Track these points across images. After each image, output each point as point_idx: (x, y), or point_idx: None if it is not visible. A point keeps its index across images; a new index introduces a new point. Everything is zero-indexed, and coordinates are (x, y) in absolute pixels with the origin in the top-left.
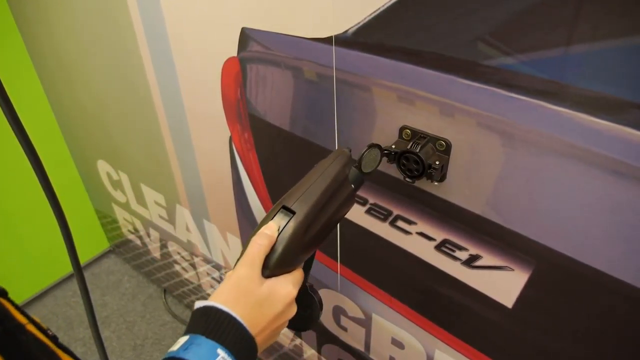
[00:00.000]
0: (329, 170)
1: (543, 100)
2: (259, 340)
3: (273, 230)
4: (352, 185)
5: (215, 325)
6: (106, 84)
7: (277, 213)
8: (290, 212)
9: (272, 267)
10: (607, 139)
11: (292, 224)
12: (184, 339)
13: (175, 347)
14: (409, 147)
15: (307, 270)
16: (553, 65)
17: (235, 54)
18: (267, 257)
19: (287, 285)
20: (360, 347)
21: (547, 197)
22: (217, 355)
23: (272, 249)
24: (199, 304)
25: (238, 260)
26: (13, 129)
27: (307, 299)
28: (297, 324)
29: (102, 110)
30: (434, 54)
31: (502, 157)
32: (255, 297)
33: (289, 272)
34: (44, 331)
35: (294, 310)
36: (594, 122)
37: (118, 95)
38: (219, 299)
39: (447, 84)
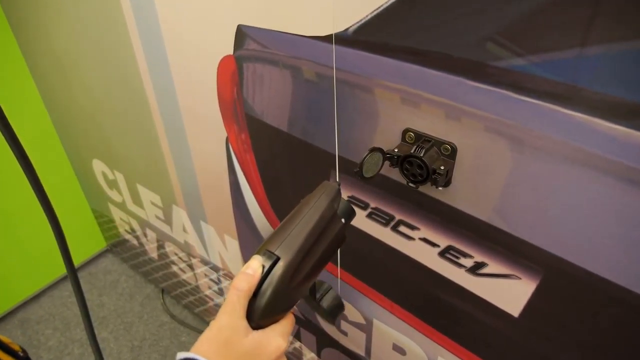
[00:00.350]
0: (317, 206)
1: (556, 104)
2: None
3: (256, 270)
4: (343, 220)
5: None
6: (100, 82)
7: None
8: (273, 256)
9: (257, 318)
10: (623, 146)
11: (276, 271)
12: None
13: None
14: (412, 151)
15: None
16: (567, 67)
17: (231, 52)
18: (252, 307)
19: (275, 339)
20: (360, 351)
21: (557, 205)
22: None
23: (257, 296)
24: (180, 355)
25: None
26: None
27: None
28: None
29: (96, 109)
30: (440, 54)
31: (510, 163)
32: (238, 350)
33: (277, 321)
34: (12, 353)
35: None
36: (609, 128)
37: (112, 94)
38: (200, 350)
39: (454, 86)
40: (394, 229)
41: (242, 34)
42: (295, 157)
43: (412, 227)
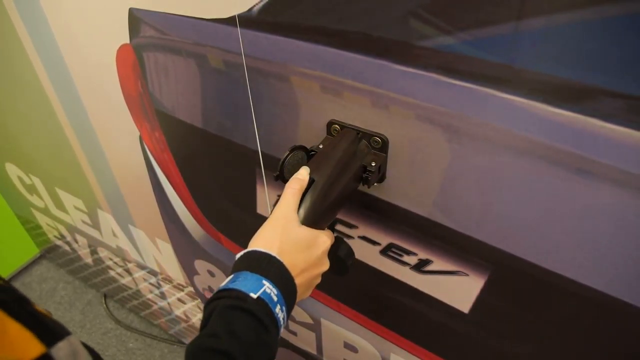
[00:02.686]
0: (341, 145)
1: (493, 88)
2: (298, 282)
3: (304, 175)
4: (360, 162)
5: (257, 263)
6: None
7: None
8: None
9: (303, 219)
10: (571, 133)
11: (312, 189)
12: (229, 278)
13: (222, 284)
14: None
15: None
16: (504, 45)
17: (127, 40)
18: (301, 209)
19: (322, 235)
20: (312, 350)
21: (501, 199)
22: (263, 285)
23: (301, 205)
24: (239, 253)
25: (272, 209)
26: None
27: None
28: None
29: None
30: (359, 34)
31: (447, 155)
32: (294, 236)
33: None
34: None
35: (327, 264)
36: (555, 114)
37: (10, 94)
38: (258, 243)
39: (377, 71)
40: (331, 227)
41: (135, 19)
42: (217, 155)
43: (350, 226)
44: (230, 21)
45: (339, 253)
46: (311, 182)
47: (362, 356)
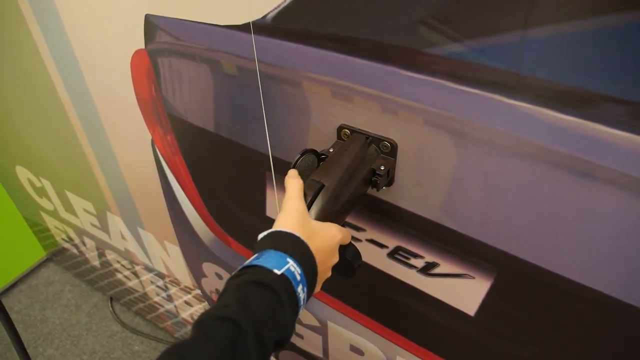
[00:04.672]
0: (351, 150)
1: (499, 94)
2: (318, 269)
3: (294, 171)
4: (369, 166)
5: (282, 242)
6: (6, 84)
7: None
8: (319, 183)
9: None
10: (574, 137)
11: (321, 194)
12: (253, 256)
13: (246, 262)
14: None
15: None
16: (510, 52)
17: (142, 46)
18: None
19: (334, 227)
20: (318, 353)
21: (506, 202)
22: (287, 262)
23: (311, 208)
24: (262, 233)
25: (280, 208)
26: None
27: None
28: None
29: (9, 113)
30: (369, 41)
31: (454, 159)
32: (311, 224)
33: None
34: None
35: (337, 257)
36: (558, 118)
37: (22, 97)
38: (279, 225)
39: (387, 77)
40: None
41: (151, 25)
42: (228, 159)
43: (358, 229)
44: (244, 28)
45: (347, 254)
46: (321, 187)
47: (367, 359)
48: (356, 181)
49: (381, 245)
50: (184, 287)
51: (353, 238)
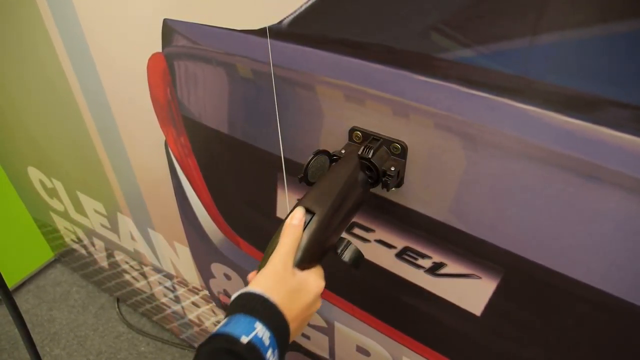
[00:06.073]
0: (344, 172)
1: (508, 98)
2: (291, 327)
3: (300, 219)
4: (362, 188)
5: (252, 305)
6: (23, 85)
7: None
8: (310, 212)
9: (299, 262)
10: (581, 141)
11: (312, 225)
12: (223, 321)
13: (216, 328)
14: (360, 152)
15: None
16: (518, 58)
17: (159, 49)
18: (297, 252)
19: (317, 279)
20: (324, 354)
21: (514, 204)
22: (255, 328)
23: (299, 244)
24: (235, 293)
25: (267, 253)
26: None
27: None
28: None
29: (23, 115)
30: (382, 46)
31: (463, 161)
32: (289, 285)
33: (314, 266)
34: None
35: (319, 305)
36: (566, 122)
37: (37, 96)
38: (255, 286)
39: (399, 81)
40: (349, 231)
41: (169, 29)
42: (240, 161)
43: (367, 229)
44: (260, 32)
45: (344, 258)
46: (311, 216)
47: None
48: (347, 207)
49: (389, 246)
50: (192, 288)
51: (362, 238)
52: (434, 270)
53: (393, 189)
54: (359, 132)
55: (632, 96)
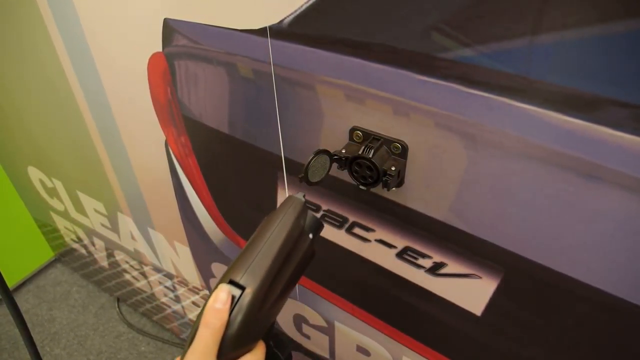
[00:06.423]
0: (282, 224)
1: (508, 98)
2: None
3: (225, 302)
4: (310, 235)
5: None
6: (23, 85)
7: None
8: (239, 287)
9: (228, 351)
10: (581, 140)
11: (243, 302)
12: None
13: None
14: (360, 151)
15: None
16: (519, 57)
17: (160, 49)
18: (222, 340)
19: None
20: (324, 354)
21: (515, 203)
22: None
23: (226, 329)
24: None
25: (188, 342)
26: None
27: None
28: None
29: (23, 114)
30: (382, 46)
31: (464, 161)
32: None
33: (249, 350)
34: None
35: None
36: (566, 122)
37: (37, 96)
38: None
39: (399, 80)
40: (349, 231)
41: (169, 29)
42: (240, 160)
43: (367, 229)
44: (261, 32)
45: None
46: (240, 291)
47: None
48: (289, 270)
49: (390, 246)
50: (192, 288)
51: (362, 238)
52: (435, 270)
53: (393, 188)
54: (359, 132)
55: (633, 96)
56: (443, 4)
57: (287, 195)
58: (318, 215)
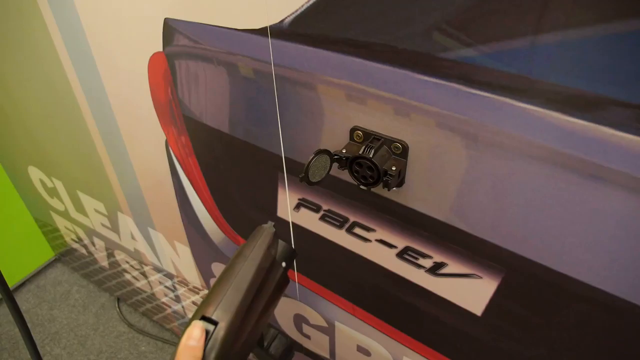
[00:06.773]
0: (252, 257)
1: (510, 98)
2: None
3: (198, 339)
4: (283, 264)
5: None
6: (23, 85)
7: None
8: (211, 323)
9: None
10: (583, 140)
11: (216, 338)
12: None
13: None
14: (361, 151)
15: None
16: (521, 57)
17: (161, 49)
18: None
19: None
20: (325, 354)
21: (516, 203)
22: None
23: None
24: None
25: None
26: None
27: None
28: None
29: (23, 114)
30: (384, 45)
31: (465, 161)
32: None
33: None
34: None
35: None
36: (568, 122)
37: (38, 96)
38: None
39: (400, 80)
40: (349, 231)
41: (170, 29)
42: (241, 160)
43: (368, 229)
44: (261, 32)
45: (272, 351)
46: (213, 327)
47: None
48: (262, 301)
49: (390, 246)
50: (193, 288)
51: (362, 238)
52: (435, 270)
53: (394, 188)
54: (360, 132)
55: (635, 96)
56: (444, 4)
57: (287, 196)
58: (317, 215)
